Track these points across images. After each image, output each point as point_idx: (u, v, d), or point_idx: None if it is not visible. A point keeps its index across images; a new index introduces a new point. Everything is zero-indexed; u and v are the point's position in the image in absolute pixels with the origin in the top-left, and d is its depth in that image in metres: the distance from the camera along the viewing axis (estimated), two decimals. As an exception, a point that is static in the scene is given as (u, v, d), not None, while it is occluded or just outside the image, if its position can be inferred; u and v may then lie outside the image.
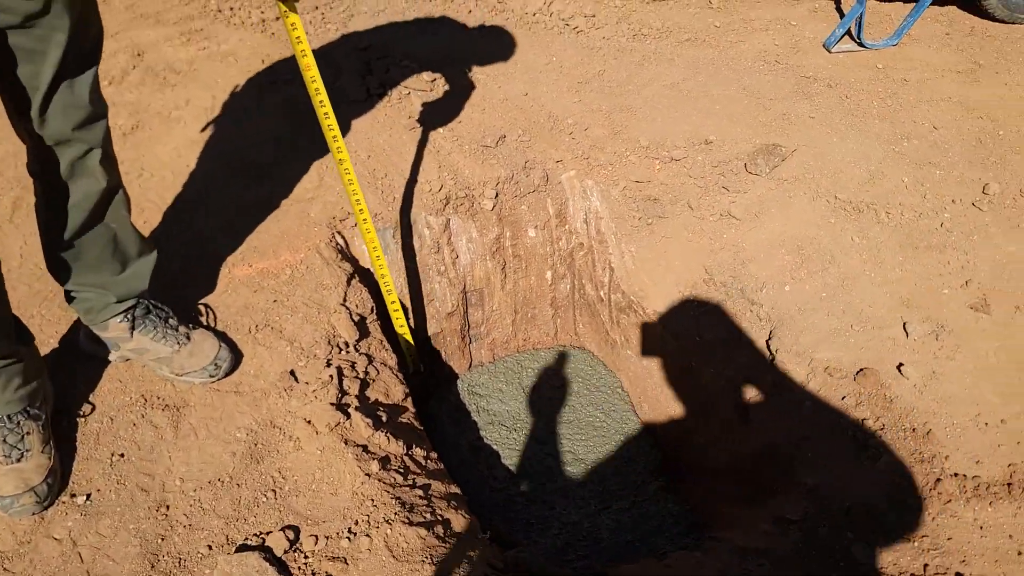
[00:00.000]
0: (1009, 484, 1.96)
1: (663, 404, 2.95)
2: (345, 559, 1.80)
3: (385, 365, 2.44)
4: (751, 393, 2.52)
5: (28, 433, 1.86)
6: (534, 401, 3.20)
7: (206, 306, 2.40)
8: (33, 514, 1.85)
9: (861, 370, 2.30)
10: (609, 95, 3.42)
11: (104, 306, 2.06)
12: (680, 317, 2.81)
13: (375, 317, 2.58)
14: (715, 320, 2.70)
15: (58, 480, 1.90)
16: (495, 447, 2.99)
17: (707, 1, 4.18)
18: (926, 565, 1.79)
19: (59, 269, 1.97)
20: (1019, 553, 1.81)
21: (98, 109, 1.76)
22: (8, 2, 1.44)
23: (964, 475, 1.99)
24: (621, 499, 2.77)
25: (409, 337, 2.63)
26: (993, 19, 3.89)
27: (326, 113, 2.04)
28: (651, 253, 2.94)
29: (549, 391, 3.24)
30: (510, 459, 2.97)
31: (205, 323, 2.34)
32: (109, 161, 1.86)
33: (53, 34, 1.54)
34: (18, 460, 1.84)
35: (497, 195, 3.00)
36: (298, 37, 1.88)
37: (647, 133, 3.17)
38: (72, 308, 2.08)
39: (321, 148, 3.02)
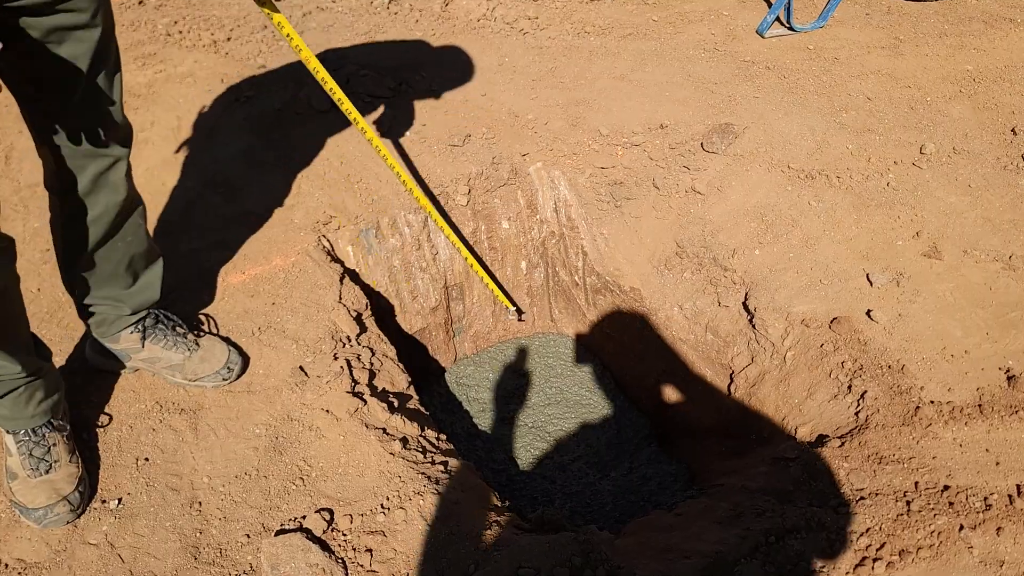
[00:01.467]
0: (980, 405, 2.14)
1: (646, 375, 3.09)
2: (383, 532, 1.88)
3: (387, 356, 2.52)
4: (733, 352, 2.68)
5: (54, 444, 1.88)
6: (521, 387, 3.31)
7: (207, 316, 2.44)
8: (67, 523, 1.87)
9: (835, 319, 2.48)
10: (564, 90, 3.57)
11: (116, 318, 2.09)
12: (657, 290, 2.95)
13: (370, 313, 2.66)
14: (691, 288, 2.86)
15: (87, 488, 1.93)
16: (490, 433, 3.09)
17: (642, -2, 4.39)
18: (917, 483, 1.96)
19: (75, 284, 2.00)
20: (996, 464, 1.99)
21: (127, 122, 1.81)
22: None
23: (940, 401, 2.17)
24: (618, 467, 2.90)
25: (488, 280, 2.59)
26: (906, -2, 4.20)
27: (331, 89, 2.11)
28: (623, 233, 3.09)
29: (534, 376, 3.36)
30: (506, 442, 3.07)
31: (209, 331, 2.38)
32: (130, 174, 1.90)
33: (81, 45, 1.57)
34: (47, 472, 1.86)
35: (470, 191, 3.11)
36: (288, 35, 1.95)
37: (605, 122, 3.32)
38: (87, 322, 2.10)
39: (293, 158, 3.08)
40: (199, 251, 2.67)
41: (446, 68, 3.73)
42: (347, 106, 2.15)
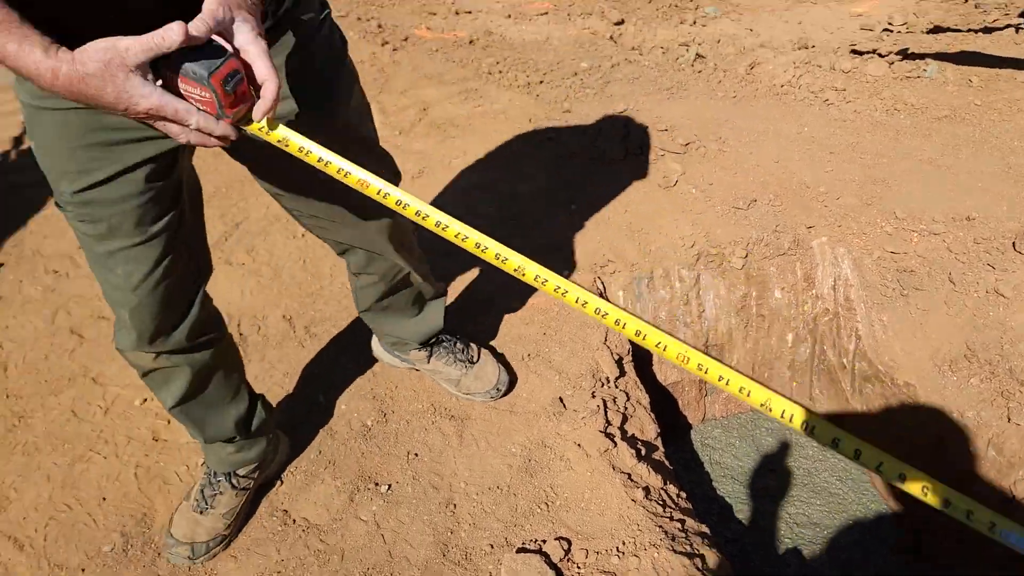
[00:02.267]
0: None
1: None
2: (615, 574, 1.95)
3: (640, 404, 2.60)
4: (1017, 475, 2.43)
5: (220, 493, 2.01)
6: (767, 460, 3.23)
7: (485, 335, 2.68)
8: (175, 564, 1.96)
9: None
10: (862, 166, 3.45)
11: (404, 345, 2.37)
12: (935, 390, 2.76)
13: (630, 358, 2.75)
14: (977, 397, 2.64)
15: (221, 547, 2.00)
16: (728, 500, 3.05)
17: (967, 80, 4.11)
18: None
19: (366, 319, 2.31)
20: None
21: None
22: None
23: None
24: (863, 569, 2.74)
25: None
26: None
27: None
28: (905, 324, 2.92)
29: (784, 452, 3.26)
30: (743, 513, 3.01)
31: (485, 347, 2.61)
32: (405, 250, 2.03)
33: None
34: (199, 512, 1.99)
35: (747, 255, 3.11)
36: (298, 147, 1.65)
37: (903, 205, 3.17)
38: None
39: (581, 200, 3.28)
40: (486, 273, 2.93)
41: (742, 130, 3.76)
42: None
